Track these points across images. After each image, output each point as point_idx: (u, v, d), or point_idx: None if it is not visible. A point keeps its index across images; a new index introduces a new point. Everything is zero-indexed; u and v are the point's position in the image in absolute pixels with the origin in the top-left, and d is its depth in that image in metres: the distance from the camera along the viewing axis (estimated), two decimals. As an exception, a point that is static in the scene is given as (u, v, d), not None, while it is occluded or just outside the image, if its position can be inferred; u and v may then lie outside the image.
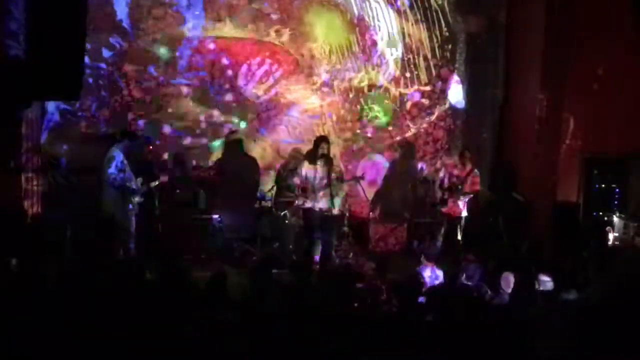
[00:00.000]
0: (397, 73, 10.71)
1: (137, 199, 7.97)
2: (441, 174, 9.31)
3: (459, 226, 8.80)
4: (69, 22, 6.83)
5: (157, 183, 8.23)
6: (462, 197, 8.85)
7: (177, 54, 9.62)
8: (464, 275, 6.64)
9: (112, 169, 7.78)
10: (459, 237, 8.67)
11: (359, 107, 10.57)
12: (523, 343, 5.12)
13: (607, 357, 4.78)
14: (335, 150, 9.72)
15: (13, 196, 7.78)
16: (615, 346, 4.83)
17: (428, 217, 9.80)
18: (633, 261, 8.19)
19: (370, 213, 10.20)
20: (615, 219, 9.40)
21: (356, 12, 10.42)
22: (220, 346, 4.82)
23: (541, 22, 10.12)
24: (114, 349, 4.77)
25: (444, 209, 8.84)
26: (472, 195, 9.02)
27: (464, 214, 8.94)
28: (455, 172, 9.06)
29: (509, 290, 6.31)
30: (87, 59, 8.20)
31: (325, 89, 10.37)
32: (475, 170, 9.08)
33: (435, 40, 10.84)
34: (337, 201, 8.38)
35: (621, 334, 4.86)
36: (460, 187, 8.85)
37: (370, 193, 10.36)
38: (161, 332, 4.95)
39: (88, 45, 8.08)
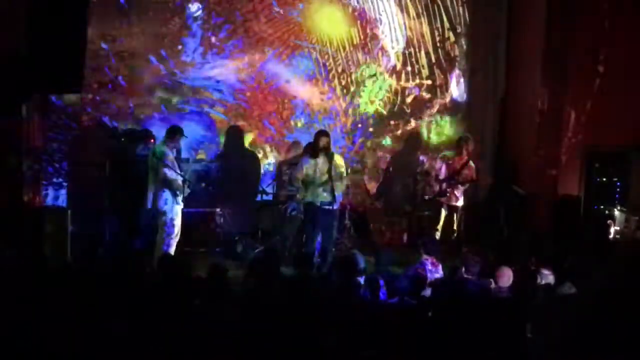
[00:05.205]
0: (399, 67, 10.70)
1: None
2: (437, 165, 9.28)
3: (455, 215, 8.85)
4: (70, 16, 6.85)
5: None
6: (459, 187, 8.89)
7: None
8: (463, 268, 6.63)
9: (163, 170, 7.84)
10: (457, 228, 8.73)
11: (360, 100, 10.56)
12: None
13: (606, 350, 4.79)
14: (336, 143, 9.76)
15: (13, 189, 7.79)
16: (614, 339, 4.85)
17: (428, 209, 9.78)
18: (633, 254, 8.20)
19: (372, 204, 10.24)
20: (617, 212, 9.40)
21: (357, 5, 10.41)
22: (221, 340, 4.84)
23: (542, 15, 10.10)
24: (114, 342, 4.79)
25: (442, 200, 8.87)
26: (467, 185, 9.02)
27: (460, 203, 8.98)
28: (451, 162, 9.08)
29: (507, 285, 6.30)
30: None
31: (326, 82, 10.37)
32: (470, 162, 9.09)
33: (436, 33, 10.83)
34: (339, 195, 8.37)
35: (620, 326, 4.87)
36: (456, 177, 8.87)
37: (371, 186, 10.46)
38: (161, 326, 4.97)
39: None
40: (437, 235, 8.99)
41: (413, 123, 10.86)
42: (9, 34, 7.19)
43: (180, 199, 7.99)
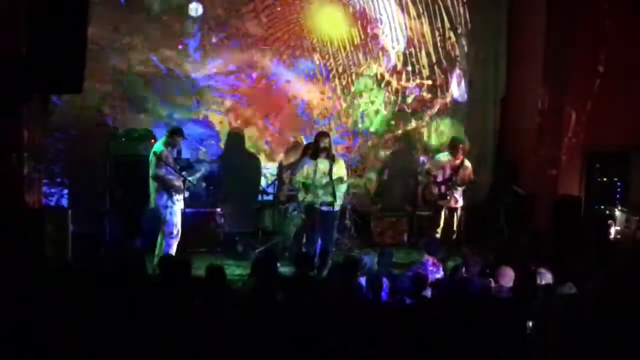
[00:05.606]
0: (399, 66, 10.70)
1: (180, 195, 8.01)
2: (434, 171, 9.18)
3: (455, 216, 8.85)
4: (70, 16, 6.84)
5: (198, 176, 8.32)
6: (457, 188, 8.87)
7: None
8: (464, 268, 6.64)
9: (161, 169, 7.83)
10: (457, 228, 8.73)
11: (360, 100, 10.57)
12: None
13: (606, 350, 4.79)
14: (337, 144, 9.77)
15: (13, 189, 7.78)
16: (614, 339, 4.84)
17: (428, 210, 9.78)
18: (633, 254, 8.20)
19: (374, 207, 10.24)
20: (617, 212, 9.41)
21: (358, 5, 10.41)
22: (221, 340, 4.84)
23: (542, 15, 10.10)
24: (114, 342, 4.79)
25: (442, 203, 8.84)
26: (465, 186, 9.01)
27: (460, 204, 8.98)
28: (450, 164, 9.03)
29: (508, 285, 6.31)
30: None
31: (326, 82, 10.37)
32: (466, 161, 9.03)
33: (437, 33, 10.84)
34: (339, 195, 8.36)
35: (620, 326, 4.87)
36: (454, 178, 8.86)
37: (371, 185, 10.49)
38: (161, 326, 4.97)
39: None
40: (437, 235, 8.99)
41: (413, 123, 10.86)
42: (9, 34, 7.18)
43: (178, 198, 7.98)
